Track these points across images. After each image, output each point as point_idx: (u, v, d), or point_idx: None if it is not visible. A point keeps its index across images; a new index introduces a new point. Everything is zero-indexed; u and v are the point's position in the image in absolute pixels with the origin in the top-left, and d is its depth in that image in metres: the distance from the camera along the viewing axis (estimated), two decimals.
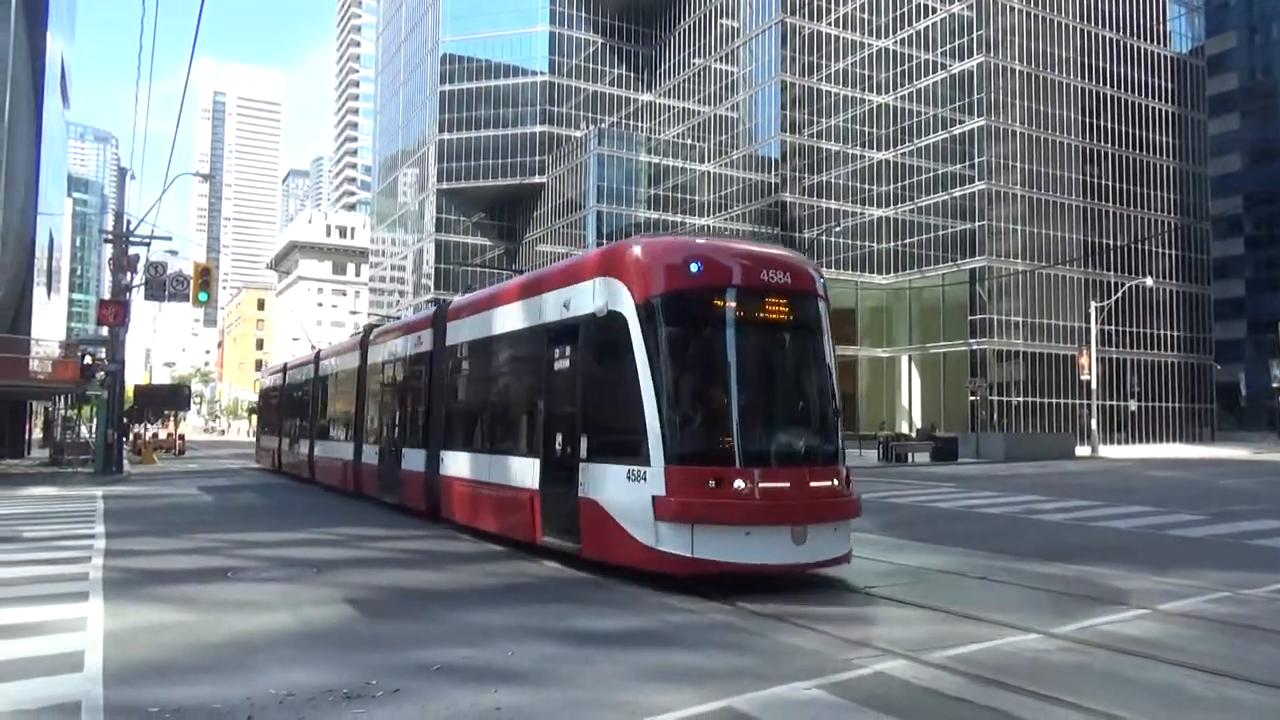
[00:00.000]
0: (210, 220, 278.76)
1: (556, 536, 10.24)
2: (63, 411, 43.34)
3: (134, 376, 64.54)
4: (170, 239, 32.16)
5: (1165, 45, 69.06)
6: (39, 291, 51.74)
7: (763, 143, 70.42)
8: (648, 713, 5.09)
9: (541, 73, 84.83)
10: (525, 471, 10.97)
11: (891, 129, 64.83)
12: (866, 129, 66.35)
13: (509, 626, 7.25)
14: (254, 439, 62.19)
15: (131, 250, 29.18)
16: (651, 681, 5.74)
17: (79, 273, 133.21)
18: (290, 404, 27.76)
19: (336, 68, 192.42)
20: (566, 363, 10.34)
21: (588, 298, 9.95)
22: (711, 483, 8.47)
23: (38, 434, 50.92)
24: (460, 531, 13.16)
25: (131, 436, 42.71)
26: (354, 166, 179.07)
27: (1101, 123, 63.67)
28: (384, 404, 18.03)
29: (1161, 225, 65.14)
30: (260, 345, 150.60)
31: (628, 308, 9.25)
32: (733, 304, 9.23)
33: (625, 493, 8.93)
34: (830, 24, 68.60)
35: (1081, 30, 63.72)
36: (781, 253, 10.19)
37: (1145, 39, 66.65)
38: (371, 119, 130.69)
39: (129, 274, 28.95)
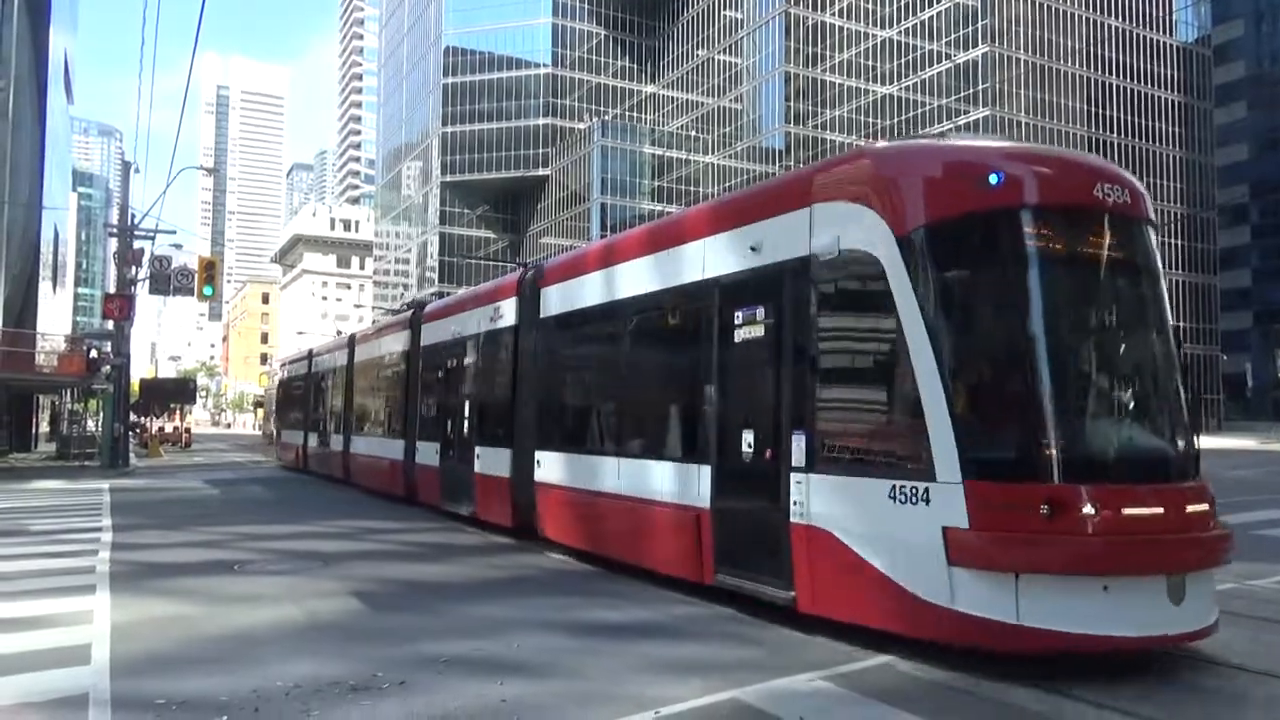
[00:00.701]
0: (214, 214, 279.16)
1: (746, 577, 7.42)
2: (69, 405, 43.49)
3: (139, 370, 64.78)
4: (175, 233, 32.24)
5: (1171, 34, 68.76)
6: (44, 286, 51.93)
7: (767, 134, 70.27)
8: (654, 704, 5.08)
9: (544, 65, 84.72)
10: (684, 482, 8.19)
11: (896, 119, 64.62)
12: (871, 120, 66.13)
13: (515, 619, 7.25)
14: (260, 432, 62.43)
15: (136, 244, 29.22)
16: (658, 673, 5.74)
17: (84, 267, 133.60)
18: (318, 395, 25.20)
19: (340, 61, 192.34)
20: (757, 330, 7.49)
21: (798, 234, 7.08)
22: (1044, 508, 5.53)
23: (44, 428, 51.10)
24: (569, 555, 10.38)
25: (139, 430, 42.86)
26: (358, 160, 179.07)
27: (1107, 112, 63.46)
28: (447, 394, 15.14)
29: (1167, 215, 64.91)
30: (265, 339, 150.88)
31: (882, 244, 6.31)
32: (1053, 234, 6.23)
33: (887, 520, 6.10)
34: (834, 14, 68.34)
35: (1087, 19, 63.41)
36: (1104, 161, 7.10)
37: (1151, 28, 66.31)
38: (375, 112, 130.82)
39: (134, 268, 29.00)
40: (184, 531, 12.88)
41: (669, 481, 8.45)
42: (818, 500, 6.63)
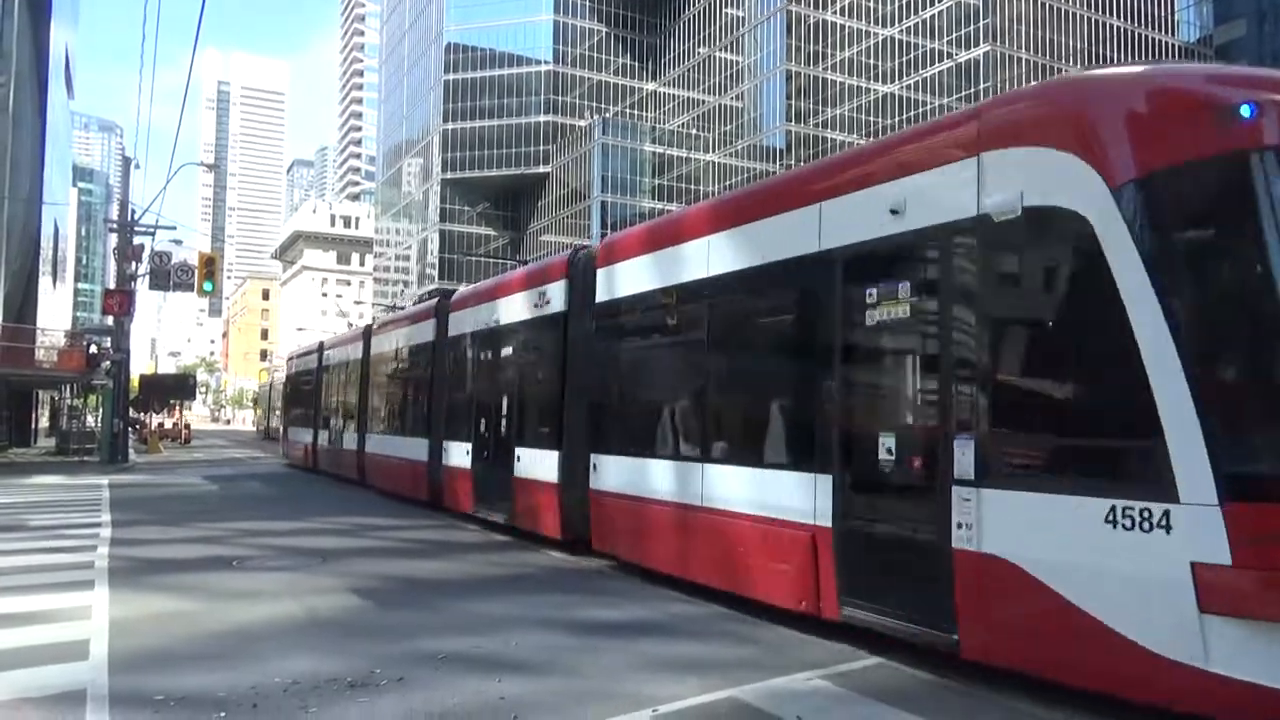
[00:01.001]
0: (215, 210, 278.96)
1: (885, 613, 6.08)
2: (69, 401, 43.47)
3: (139, 366, 64.82)
4: (175, 229, 32.39)
5: (1173, 34, 68.71)
6: (45, 281, 51.92)
7: (768, 132, 70.24)
8: (652, 702, 5.08)
9: (546, 62, 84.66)
10: (795, 494, 6.84)
11: (897, 118, 64.61)
12: (872, 118, 66.12)
13: (514, 616, 7.26)
14: (259, 429, 62.37)
15: (136, 240, 29.27)
16: (655, 671, 5.74)
17: (84, 262, 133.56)
18: (330, 391, 24.17)
19: (340, 57, 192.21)
20: (898, 310, 6.13)
21: (961, 191, 5.69)
22: None
23: (44, 423, 51.12)
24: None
25: (138, 426, 42.89)
26: (358, 156, 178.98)
27: None
28: (480, 389, 13.88)
29: None
30: (265, 335, 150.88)
31: (1091, 199, 4.98)
32: None
33: (1104, 551, 4.80)
34: (835, 12, 68.30)
35: (1088, 19, 63.37)
36: None
37: (1153, 28, 66.27)
38: (376, 109, 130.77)
39: (134, 263, 29.03)
40: (183, 527, 12.88)
41: (773, 493, 7.11)
42: (995, 522, 5.32)
